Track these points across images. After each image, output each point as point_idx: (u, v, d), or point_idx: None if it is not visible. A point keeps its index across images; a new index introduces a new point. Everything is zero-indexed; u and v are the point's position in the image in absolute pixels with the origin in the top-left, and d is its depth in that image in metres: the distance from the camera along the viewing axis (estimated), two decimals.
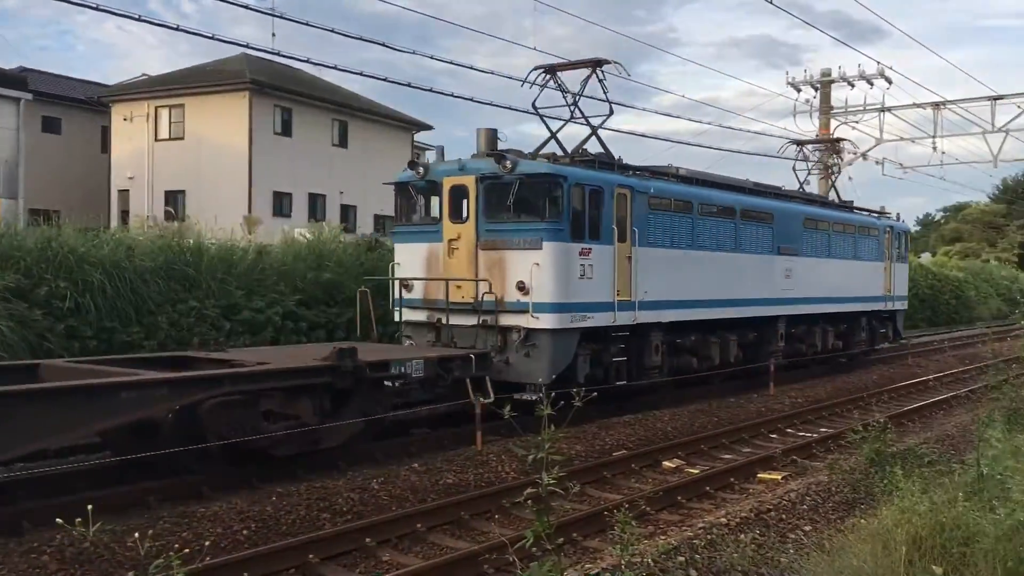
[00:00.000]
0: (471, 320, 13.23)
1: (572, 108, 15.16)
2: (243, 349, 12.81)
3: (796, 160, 19.88)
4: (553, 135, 15.36)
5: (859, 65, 32.35)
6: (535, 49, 21.43)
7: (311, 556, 7.48)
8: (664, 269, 14.89)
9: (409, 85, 19.11)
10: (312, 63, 17.75)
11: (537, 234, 12.91)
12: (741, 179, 18.88)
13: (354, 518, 8.75)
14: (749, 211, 17.61)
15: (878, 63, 31.67)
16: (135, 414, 8.69)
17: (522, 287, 12.86)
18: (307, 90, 36.34)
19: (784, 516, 8.85)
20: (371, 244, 20.22)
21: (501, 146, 14.03)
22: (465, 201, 13.65)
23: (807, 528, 8.52)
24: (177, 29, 14.52)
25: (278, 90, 34.55)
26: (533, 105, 15.27)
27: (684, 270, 15.41)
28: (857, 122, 33.42)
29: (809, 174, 18.59)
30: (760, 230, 17.86)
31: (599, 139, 15.31)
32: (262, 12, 14.60)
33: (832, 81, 32.95)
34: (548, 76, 15.14)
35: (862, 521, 6.89)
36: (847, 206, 23.49)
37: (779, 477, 10.82)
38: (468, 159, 13.92)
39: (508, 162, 12.95)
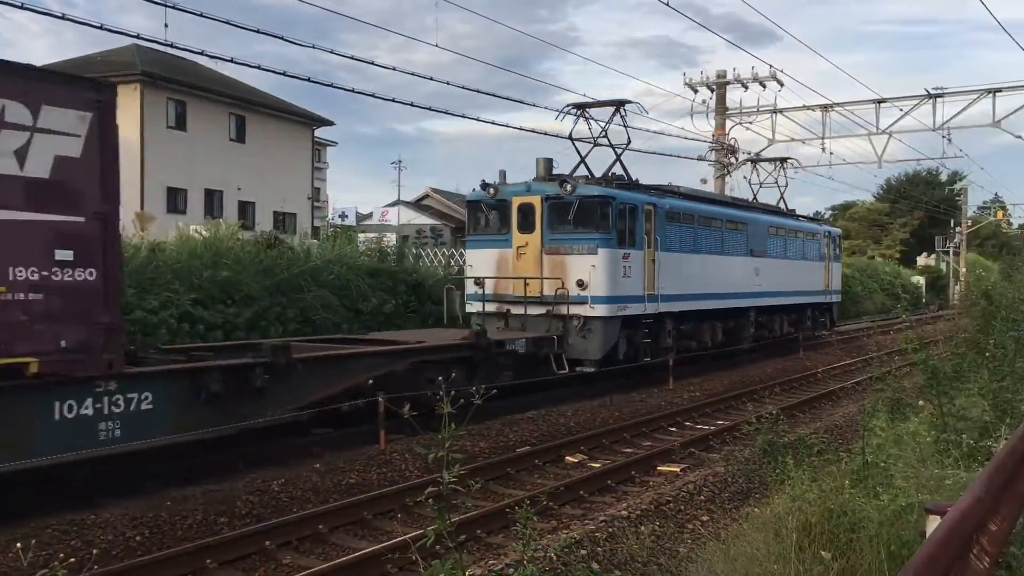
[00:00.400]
0: (537, 310, 16.29)
1: (598, 138, 18.76)
2: (382, 332, 16.20)
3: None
4: (582, 159, 18.98)
5: (753, 68, 33.26)
6: (437, 46, 21.40)
7: (208, 561, 7.29)
8: (676, 269, 18.54)
9: (309, 80, 18.73)
10: (207, 55, 17.25)
11: (593, 242, 16.30)
12: (720, 194, 23.79)
13: (253, 521, 8.57)
14: (731, 220, 21.53)
15: (770, 66, 32.66)
16: (368, 375, 11.97)
17: (581, 284, 16.19)
18: (202, 83, 35.37)
19: (683, 507, 9.07)
20: (271, 242, 19.82)
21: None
22: (532, 216, 16.92)
23: (704, 518, 8.75)
24: (63, 18, 13.89)
25: (171, 82, 33.51)
26: (570, 136, 19.17)
27: (688, 270, 19.13)
28: (751, 123, 34.39)
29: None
30: (738, 236, 21.72)
31: (622, 164, 18.87)
32: (154, 2, 14.11)
33: (727, 83, 33.81)
34: (579, 112, 18.70)
35: (756, 510, 7.12)
36: (792, 214, 27.71)
37: (678, 469, 11.07)
38: (532, 182, 17.49)
39: (569, 186, 16.45)
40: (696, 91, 33.69)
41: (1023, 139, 30.80)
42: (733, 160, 34.77)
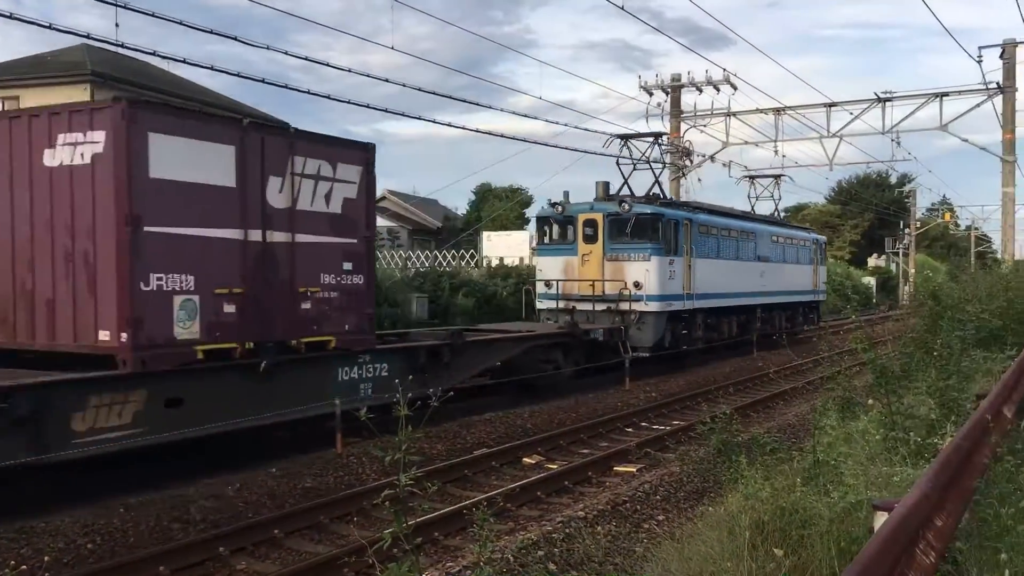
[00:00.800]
0: (599, 306, 19.76)
1: (637, 162, 22.58)
2: (489, 324, 19.28)
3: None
4: (625, 181, 22.50)
5: (707, 71, 33.67)
6: (392, 48, 21.33)
7: (161, 568, 7.20)
8: (705, 273, 22.02)
9: (264, 81, 18.56)
10: (159, 55, 16.97)
11: (647, 251, 19.84)
12: (733, 208, 26.78)
13: (207, 527, 8.48)
14: (743, 231, 25.18)
15: (724, 70, 33.08)
16: (505, 355, 15.76)
17: (638, 285, 19.63)
18: (154, 84, 34.83)
19: (639, 507, 9.15)
20: None
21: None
22: (595, 229, 20.38)
23: (660, 518, 8.83)
24: (11, 17, 13.58)
25: (122, 83, 32.93)
26: (617, 162, 22.63)
27: (714, 273, 22.60)
28: (705, 126, 34.80)
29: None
30: (749, 244, 25.35)
31: (660, 186, 22.93)
32: (105, 1, 13.86)
33: (682, 86, 34.16)
34: (623, 142, 22.85)
35: (710, 509, 7.20)
36: (786, 223, 32.57)
37: (634, 470, 11.16)
38: (594, 202, 20.91)
39: (626, 205, 20.00)
40: (651, 94, 34.03)
41: (969, 142, 31.51)
42: (688, 163, 35.13)
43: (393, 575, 3.67)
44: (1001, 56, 29.59)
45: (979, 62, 28.98)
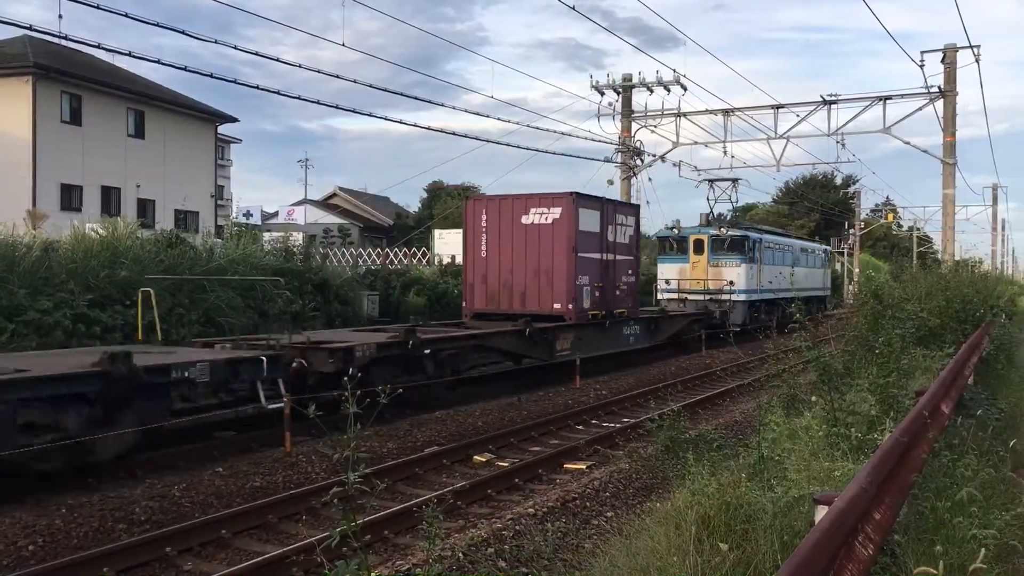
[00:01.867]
0: (703, 298, 29.50)
1: (725, 193, 34.30)
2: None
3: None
4: (711, 209, 33.47)
5: (657, 72, 33.96)
6: (344, 45, 21.14)
7: (105, 569, 7.08)
8: (766, 275, 32.10)
9: (212, 76, 18.26)
10: (104, 48, 16.65)
11: (737, 260, 30.26)
12: (774, 228, 40.61)
13: (153, 527, 8.36)
14: (783, 245, 36.18)
15: (674, 71, 33.38)
16: (676, 328, 25.67)
17: (731, 283, 29.84)
18: (99, 76, 34.15)
19: (588, 504, 9.22)
20: (171, 240, 19.31)
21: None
22: (702, 245, 30.46)
23: (609, 514, 8.91)
24: None
25: (66, 75, 32.26)
26: (708, 199, 33.96)
27: (770, 275, 32.65)
28: (656, 126, 35.10)
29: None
30: (787, 255, 36.07)
31: (735, 214, 34.64)
32: None
33: (633, 86, 34.41)
34: (710, 183, 34.10)
35: (657, 505, 7.28)
36: (804, 239, 46.72)
37: (584, 467, 11.24)
38: (699, 227, 31.45)
39: (724, 229, 30.46)
40: (603, 93, 34.23)
41: (911, 145, 32.18)
42: (639, 162, 35.41)
43: (341, 573, 3.66)
44: (942, 61, 30.28)
45: (921, 66, 29.65)
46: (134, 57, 15.97)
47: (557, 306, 18.72)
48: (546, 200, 19.06)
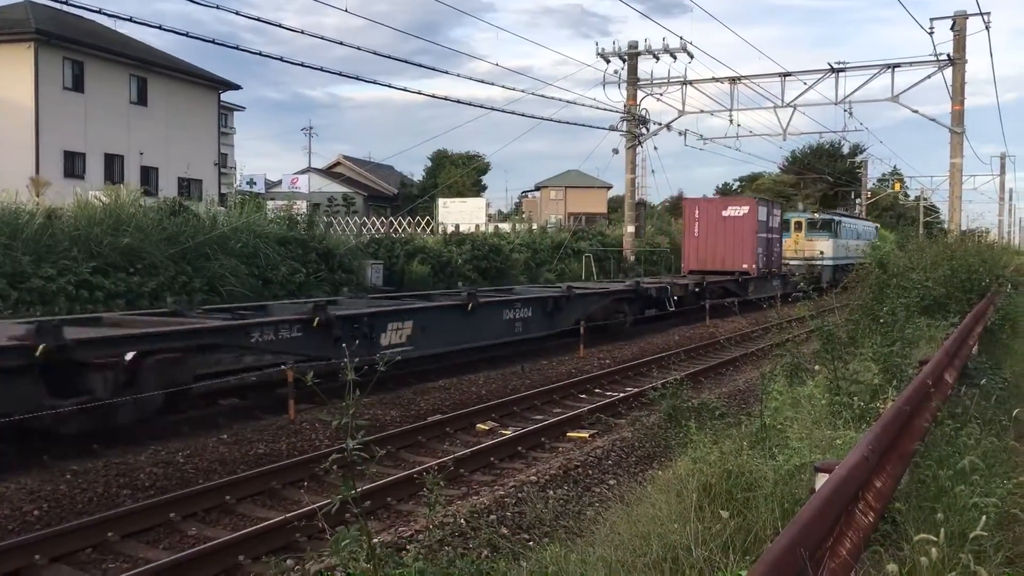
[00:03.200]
0: (802, 263, 36.07)
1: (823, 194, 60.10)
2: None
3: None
4: (814, 213, 44.20)
5: (664, 39, 33.71)
6: (347, 11, 20.92)
7: (110, 534, 7.14)
8: (841, 246, 41.14)
9: (214, 42, 18.15)
10: (105, 14, 16.52)
11: (826, 236, 39.92)
12: (842, 211, 54.62)
13: (157, 493, 8.41)
14: (851, 224, 46.03)
15: (681, 38, 33.17)
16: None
17: (822, 253, 38.18)
18: (101, 43, 33.94)
19: (591, 472, 9.25)
20: (175, 208, 19.27)
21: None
22: (801, 225, 40.13)
23: (611, 482, 8.94)
24: None
25: (68, 41, 32.08)
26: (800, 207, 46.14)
27: (843, 246, 41.39)
28: (662, 94, 34.85)
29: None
30: (853, 230, 45.62)
31: (822, 209, 49.39)
32: None
33: (639, 54, 34.12)
34: (817, 205, 52.37)
35: (659, 472, 7.30)
36: (860, 217, 57.37)
37: (587, 435, 11.27)
38: (799, 212, 42.81)
39: (816, 215, 41.88)
40: (608, 61, 33.96)
41: (920, 113, 31.93)
42: (644, 131, 35.20)
43: (341, 539, 3.67)
44: (952, 28, 29.96)
45: (930, 34, 29.33)
46: (136, 23, 15.87)
47: (745, 266, 29.39)
48: (737, 201, 32.51)
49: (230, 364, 13.53)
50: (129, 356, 9.74)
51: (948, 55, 29.90)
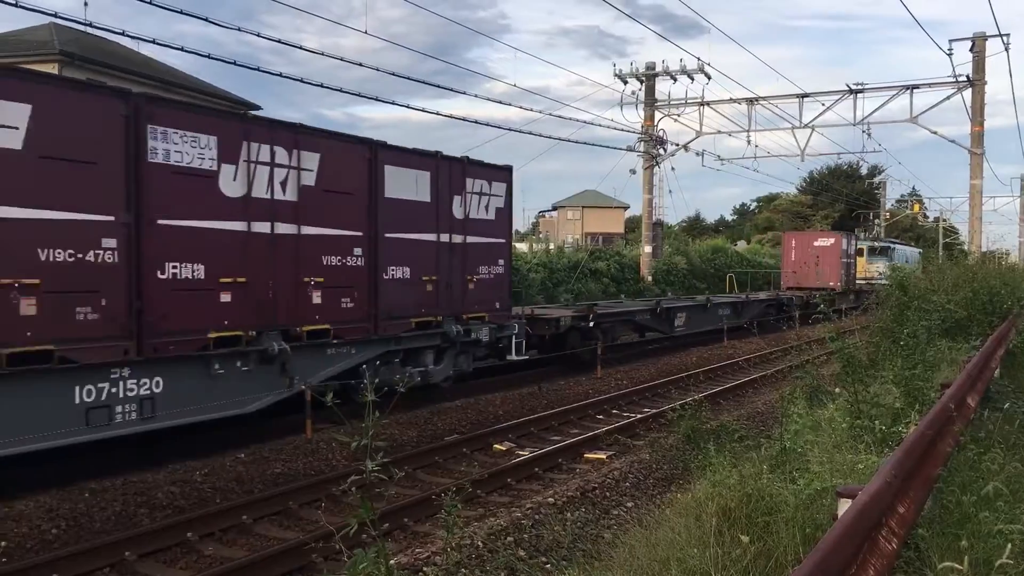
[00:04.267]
0: (864, 282, 41.45)
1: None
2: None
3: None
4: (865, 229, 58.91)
5: (681, 60, 33.69)
6: (367, 33, 21.13)
7: (127, 554, 7.14)
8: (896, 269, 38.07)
9: (235, 63, 18.30)
10: (128, 36, 16.70)
11: (883, 259, 45.94)
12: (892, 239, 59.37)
13: (175, 512, 8.42)
14: (902, 250, 52.03)
15: (698, 59, 33.13)
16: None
17: (880, 273, 40.59)
18: (123, 64, 34.31)
19: (608, 494, 9.19)
20: None
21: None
22: (863, 251, 45.58)
23: (629, 504, 8.88)
24: None
25: (91, 63, 32.42)
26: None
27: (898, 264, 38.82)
28: (679, 115, 34.85)
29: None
30: (903, 256, 48.65)
31: (879, 239, 56.53)
32: None
33: (656, 75, 34.17)
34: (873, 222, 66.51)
35: (678, 495, 7.24)
36: (904, 243, 61.61)
37: (604, 456, 11.20)
38: (865, 240, 50.79)
39: (875, 243, 50.59)
40: (626, 82, 34.02)
41: (939, 134, 31.78)
42: (662, 151, 35.20)
43: (360, 561, 3.66)
44: (971, 49, 29.86)
45: (949, 55, 29.26)
46: (158, 44, 16.02)
47: (831, 284, 36.21)
48: (826, 234, 41.46)
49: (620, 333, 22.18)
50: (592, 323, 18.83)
51: (967, 76, 29.78)
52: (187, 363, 9.72)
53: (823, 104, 32.43)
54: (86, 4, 14.67)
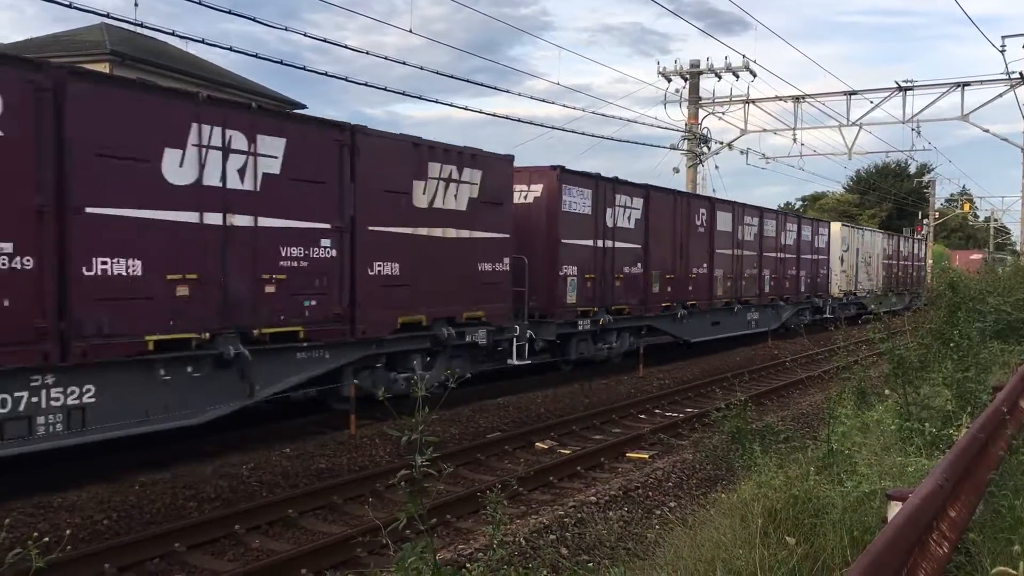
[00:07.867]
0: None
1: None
2: None
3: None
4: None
5: (726, 57, 33.42)
6: (411, 31, 21.28)
7: (176, 545, 7.27)
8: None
9: (281, 63, 18.57)
10: (177, 35, 17.00)
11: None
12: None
13: (222, 505, 8.56)
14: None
15: (743, 56, 32.81)
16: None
17: None
18: (173, 63, 34.88)
19: (651, 493, 9.16)
20: None
21: None
22: None
23: (672, 504, 8.84)
24: None
25: (141, 62, 32.99)
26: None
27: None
28: (723, 113, 34.53)
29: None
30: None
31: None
32: None
33: (700, 72, 33.89)
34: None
35: (722, 496, 7.19)
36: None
37: (647, 456, 11.16)
38: None
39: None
40: (669, 80, 33.74)
41: (990, 132, 31.15)
42: (705, 149, 34.93)
43: (407, 556, 3.69)
44: None
45: (1002, 51, 28.62)
46: (207, 44, 16.29)
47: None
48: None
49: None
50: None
51: (1020, 73, 29.15)
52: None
53: (871, 102, 31.92)
54: (136, 4, 15.01)
